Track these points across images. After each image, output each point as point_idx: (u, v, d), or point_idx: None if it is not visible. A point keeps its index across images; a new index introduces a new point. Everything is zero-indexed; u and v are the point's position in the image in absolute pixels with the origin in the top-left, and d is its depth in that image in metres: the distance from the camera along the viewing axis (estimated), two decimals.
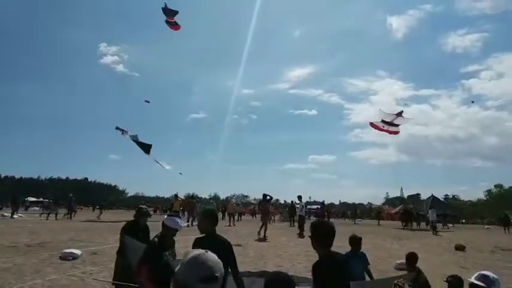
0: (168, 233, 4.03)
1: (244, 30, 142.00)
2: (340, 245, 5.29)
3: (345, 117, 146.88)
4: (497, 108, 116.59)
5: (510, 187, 74.99)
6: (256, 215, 38.59)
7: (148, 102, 33.29)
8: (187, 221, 20.34)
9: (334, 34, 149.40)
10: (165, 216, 4.19)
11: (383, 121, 28.80)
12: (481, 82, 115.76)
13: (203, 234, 3.61)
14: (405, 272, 8.73)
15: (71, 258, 8.80)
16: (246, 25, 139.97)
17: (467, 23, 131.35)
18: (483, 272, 3.01)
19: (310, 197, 61.30)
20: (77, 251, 9.24)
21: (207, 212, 3.79)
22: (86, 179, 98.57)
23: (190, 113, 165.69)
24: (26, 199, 41.02)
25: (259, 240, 14.83)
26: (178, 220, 4.13)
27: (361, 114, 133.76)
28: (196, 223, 19.96)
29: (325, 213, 29.74)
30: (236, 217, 28.19)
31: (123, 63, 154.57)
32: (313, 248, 3.03)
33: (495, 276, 2.97)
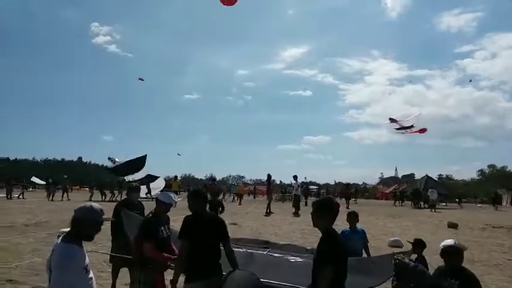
0: (162, 209, 4.07)
1: (237, 10, 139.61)
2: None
3: (340, 97, 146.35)
4: (490, 89, 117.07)
5: (502, 167, 75.95)
6: (256, 195, 38.92)
7: (142, 80, 33.14)
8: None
9: (328, 13, 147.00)
10: (159, 192, 4.25)
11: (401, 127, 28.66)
12: (475, 62, 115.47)
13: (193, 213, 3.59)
14: (399, 249, 8.90)
15: None
16: (240, 4, 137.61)
17: (461, 3, 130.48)
18: (453, 240, 3.38)
19: (305, 178, 61.65)
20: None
21: (195, 192, 3.83)
22: (80, 158, 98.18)
23: (184, 94, 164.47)
24: (31, 180, 40.86)
25: (265, 215, 15.55)
26: (171, 195, 4.20)
27: (356, 95, 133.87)
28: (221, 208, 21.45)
29: (350, 193, 28.85)
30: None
31: (116, 44, 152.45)
32: (317, 225, 2.87)
33: (455, 242, 3.33)
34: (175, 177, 26.53)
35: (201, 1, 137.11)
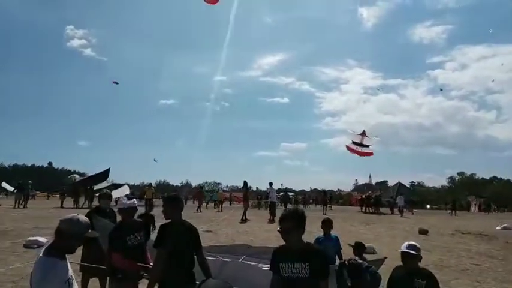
0: (126, 215, 4.00)
1: (215, 16, 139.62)
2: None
3: (317, 105, 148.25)
4: (460, 98, 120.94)
5: (471, 174, 78.78)
6: (232, 202, 38.82)
7: (116, 83, 32.81)
8: (197, 210, 22.75)
9: (306, 22, 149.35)
10: (118, 201, 4.19)
11: (353, 142, 30.38)
12: (446, 73, 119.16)
13: (169, 220, 3.57)
14: (372, 255, 9.05)
15: (35, 246, 8.54)
16: (217, 11, 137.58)
17: (433, 15, 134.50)
18: (411, 242, 3.51)
19: (282, 184, 62.03)
20: (43, 239, 8.97)
21: (172, 198, 3.71)
22: (50, 164, 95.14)
23: (160, 99, 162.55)
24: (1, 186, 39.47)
25: (241, 222, 15.53)
26: (126, 200, 4.14)
27: (332, 103, 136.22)
28: (201, 211, 23.12)
29: (328, 200, 30.78)
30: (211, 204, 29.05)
31: (91, 47, 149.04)
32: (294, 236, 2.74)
33: (418, 245, 3.48)
34: (150, 184, 26.50)
35: (178, 6, 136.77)
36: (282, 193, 36.34)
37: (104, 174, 29.58)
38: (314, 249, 2.84)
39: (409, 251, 3.40)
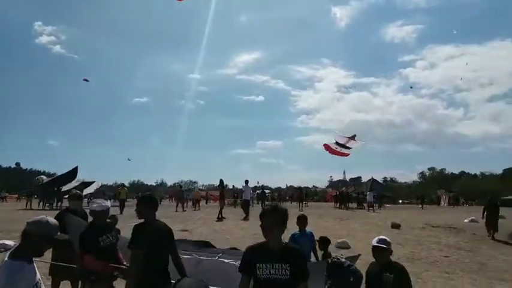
0: (97, 217, 3.92)
1: (190, 14, 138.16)
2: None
3: (292, 103, 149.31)
4: (430, 96, 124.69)
5: (441, 169, 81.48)
6: (208, 200, 38.68)
7: (87, 80, 32.09)
8: (177, 209, 22.71)
9: (280, 21, 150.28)
10: (90, 202, 4.12)
11: (337, 143, 30.92)
12: (417, 71, 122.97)
13: (142, 220, 3.53)
14: (346, 250, 9.21)
15: (3, 250, 8.23)
16: (192, 8, 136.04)
17: (404, 15, 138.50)
18: (382, 236, 3.59)
19: (258, 182, 62.14)
20: (10, 242, 8.64)
21: (146, 197, 3.66)
22: (18, 164, 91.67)
23: (133, 97, 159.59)
24: None
25: (217, 220, 15.47)
26: (100, 201, 4.04)
27: (306, 101, 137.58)
28: (185, 209, 23.44)
29: (303, 196, 31.28)
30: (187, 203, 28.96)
31: (61, 44, 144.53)
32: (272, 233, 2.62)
33: (388, 239, 3.56)
34: (122, 184, 26.25)
35: (152, 3, 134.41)
36: (258, 191, 36.53)
37: (72, 174, 28.73)
38: (294, 249, 2.70)
39: (379, 245, 3.47)
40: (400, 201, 53.03)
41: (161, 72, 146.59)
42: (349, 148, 30.81)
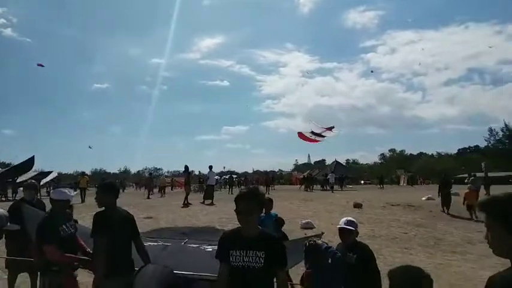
0: (58, 206, 3.77)
1: None
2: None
3: (257, 88, 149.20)
4: (390, 81, 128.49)
5: (401, 151, 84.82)
6: (174, 187, 38.27)
7: (42, 65, 30.57)
8: (148, 196, 22.47)
9: (243, 5, 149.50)
10: (51, 191, 3.94)
11: (312, 132, 31.65)
12: (378, 56, 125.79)
13: (103, 208, 3.46)
14: (310, 230, 9.42)
15: None
16: None
17: (365, 1, 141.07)
18: (349, 218, 3.65)
19: (224, 167, 62.14)
20: None
21: (106, 185, 3.61)
22: None
23: (93, 83, 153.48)
24: None
25: (183, 206, 15.42)
26: (65, 190, 3.88)
27: (271, 86, 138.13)
28: (151, 196, 23.06)
29: (270, 180, 32.12)
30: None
31: (12, 27, 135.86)
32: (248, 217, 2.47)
33: (355, 220, 3.64)
34: (83, 173, 25.44)
35: None
36: (226, 176, 36.66)
37: (28, 164, 27.15)
38: (270, 236, 2.59)
39: (345, 226, 3.52)
40: (362, 181, 54.74)
41: (121, 56, 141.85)
42: (323, 137, 31.86)
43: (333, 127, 32.46)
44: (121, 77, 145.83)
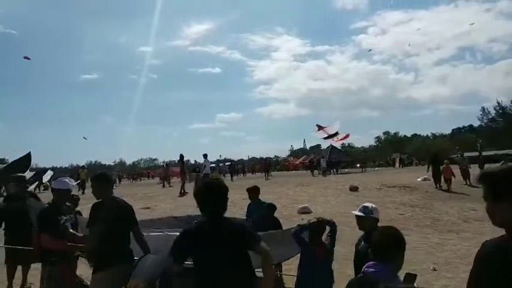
0: (59, 197, 3.76)
1: None
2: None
3: (249, 74, 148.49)
4: (382, 62, 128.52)
5: (395, 133, 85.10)
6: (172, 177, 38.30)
7: (28, 58, 30.05)
8: (164, 185, 23.33)
9: None
10: (52, 181, 3.94)
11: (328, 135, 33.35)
12: (369, 38, 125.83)
13: (100, 199, 3.46)
14: (308, 215, 9.48)
15: None
16: None
17: None
18: (366, 204, 3.43)
19: (220, 155, 62.22)
20: None
21: (99, 176, 3.59)
22: None
23: (81, 74, 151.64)
24: None
25: (180, 196, 15.33)
26: (66, 180, 3.87)
27: (263, 71, 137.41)
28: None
29: (268, 166, 32.05)
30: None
31: None
32: None
33: (373, 206, 3.39)
34: (82, 166, 26.26)
35: None
36: (227, 163, 37.02)
37: (26, 160, 26.82)
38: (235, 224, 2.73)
39: (356, 213, 3.34)
40: (358, 165, 55.04)
41: (109, 46, 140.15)
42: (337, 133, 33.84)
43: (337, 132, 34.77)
44: (110, 66, 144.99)
